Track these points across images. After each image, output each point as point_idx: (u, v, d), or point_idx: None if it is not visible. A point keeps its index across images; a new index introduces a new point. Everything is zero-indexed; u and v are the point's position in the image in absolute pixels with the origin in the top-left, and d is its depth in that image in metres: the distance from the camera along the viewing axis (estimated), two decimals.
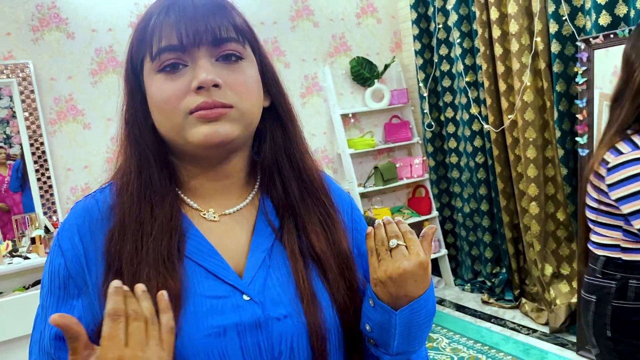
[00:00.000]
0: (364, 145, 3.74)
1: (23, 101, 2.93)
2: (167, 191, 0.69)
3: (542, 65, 2.94)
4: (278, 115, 0.74)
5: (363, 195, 3.81)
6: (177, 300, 0.62)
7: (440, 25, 3.64)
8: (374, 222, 0.70)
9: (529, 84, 2.98)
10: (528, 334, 3.00)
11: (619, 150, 1.36)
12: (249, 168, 0.75)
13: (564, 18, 2.78)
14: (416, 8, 3.78)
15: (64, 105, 3.07)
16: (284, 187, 0.73)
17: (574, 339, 2.80)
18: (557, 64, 2.86)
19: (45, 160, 2.99)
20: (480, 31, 3.21)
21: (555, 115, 2.92)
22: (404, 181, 3.82)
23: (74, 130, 3.10)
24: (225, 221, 0.71)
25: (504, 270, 3.58)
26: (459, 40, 3.45)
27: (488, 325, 3.20)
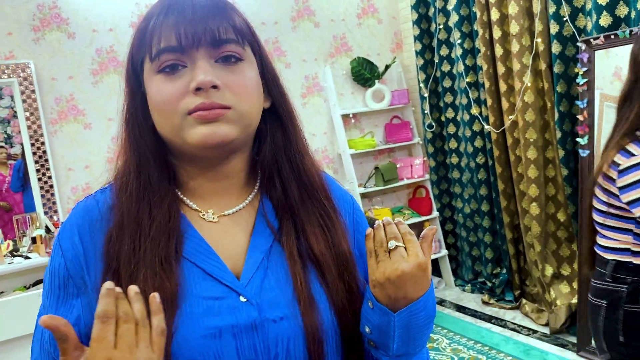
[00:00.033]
0: (364, 146, 3.74)
1: (24, 101, 2.94)
2: (166, 192, 0.69)
3: (543, 66, 2.94)
4: (278, 116, 0.74)
5: (363, 195, 3.80)
6: (173, 301, 0.62)
7: (440, 26, 3.63)
8: (374, 222, 0.70)
9: (529, 84, 2.97)
10: (528, 335, 3.00)
11: (630, 152, 1.33)
12: (249, 169, 0.75)
13: (564, 19, 2.78)
14: (417, 9, 3.78)
15: (64, 105, 3.08)
16: (283, 189, 0.73)
17: (574, 339, 2.80)
18: (558, 65, 2.86)
19: (46, 160, 3.00)
20: (480, 32, 3.21)
21: (556, 116, 2.92)
22: (405, 182, 3.82)
23: (74, 130, 3.10)
24: (224, 222, 0.71)
25: (504, 271, 3.57)
26: (459, 41, 3.45)
27: (488, 325, 3.19)
